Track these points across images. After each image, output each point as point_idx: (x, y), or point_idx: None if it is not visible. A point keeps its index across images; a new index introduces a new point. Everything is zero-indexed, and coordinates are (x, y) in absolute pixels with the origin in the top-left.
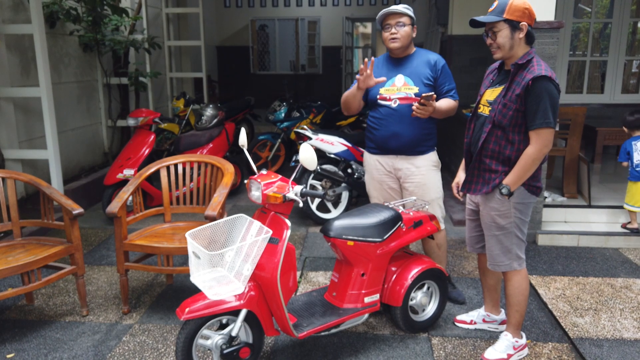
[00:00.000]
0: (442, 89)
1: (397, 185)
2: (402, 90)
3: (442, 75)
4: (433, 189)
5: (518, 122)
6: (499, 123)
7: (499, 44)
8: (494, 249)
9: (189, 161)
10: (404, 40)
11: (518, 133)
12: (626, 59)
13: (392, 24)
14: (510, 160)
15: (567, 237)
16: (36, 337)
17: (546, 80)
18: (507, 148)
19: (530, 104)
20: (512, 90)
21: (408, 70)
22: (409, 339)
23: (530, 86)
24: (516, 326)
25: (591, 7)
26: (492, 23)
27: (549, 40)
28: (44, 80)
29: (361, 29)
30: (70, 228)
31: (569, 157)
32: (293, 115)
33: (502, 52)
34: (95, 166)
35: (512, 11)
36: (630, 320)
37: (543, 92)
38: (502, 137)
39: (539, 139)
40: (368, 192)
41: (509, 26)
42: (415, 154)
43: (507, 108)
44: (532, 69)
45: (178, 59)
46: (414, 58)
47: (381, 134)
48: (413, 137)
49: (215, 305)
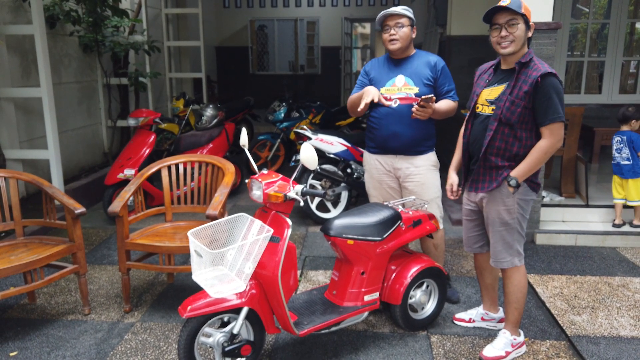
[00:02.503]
0: (442, 90)
1: (397, 184)
2: (403, 90)
3: (442, 76)
4: (432, 188)
5: (525, 119)
6: (507, 120)
7: (515, 37)
8: (497, 245)
9: (189, 161)
10: (403, 42)
11: (525, 130)
12: (624, 59)
13: (392, 25)
14: (518, 156)
15: (565, 237)
16: (38, 336)
17: (553, 76)
18: (515, 145)
19: (540, 101)
20: (519, 88)
21: (408, 71)
22: (408, 337)
23: (539, 83)
24: (514, 324)
25: (589, 8)
26: (513, 15)
27: (547, 40)
28: (44, 81)
29: (360, 29)
30: (72, 227)
31: (567, 157)
32: (292, 115)
33: (515, 46)
34: (95, 166)
35: (525, 9)
36: (627, 318)
37: (551, 89)
38: (510, 135)
39: (552, 133)
40: (367, 192)
41: (524, 22)
42: (414, 154)
43: (516, 105)
44: (537, 67)
45: (177, 59)
46: (414, 59)
47: (381, 133)
48: (413, 137)
49: (217, 303)
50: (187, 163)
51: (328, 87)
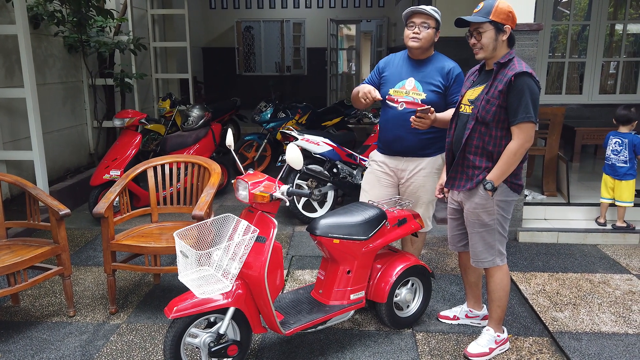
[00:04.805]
0: (453, 99)
1: (393, 188)
2: (411, 94)
3: (454, 84)
4: (430, 191)
5: (501, 118)
6: (482, 119)
7: (482, 44)
8: (477, 245)
9: (176, 161)
10: (424, 42)
11: (501, 129)
12: (604, 60)
13: (417, 23)
14: (493, 155)
15: (547, 234)
16: (22, 338)
17: (527, 76)
18: (490, 144)
19: (512, 100)
20: (495, 87)
21: (420, 75)
22: (394, 335)
23: (512, 82)
24: (498, 321)
25: (570, 10)
26: (478, 23)
27: (528, 42)
28: (28, 81)
29: (345, 30)
30: (57, 229)
31: (549, 156)
32: (279, 116)
33: (484, 52)
34: (80, 167)
35: (497, 13)
36: (608, 315)
37: (524, 88)
38: (486, 133)
39: (521, 133)
40: (362, 186)
41: (494, 28)
42: (421, 156)
43: (490, 104)
44: (513, 66)
45: (164, 60)
46: (430, 63)
47: (386, 136)
48: (416, 141)
49: (203, 303)
50: (173, 164)
51: (314, 88)
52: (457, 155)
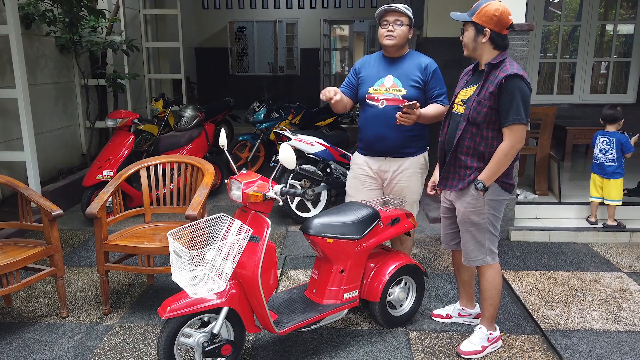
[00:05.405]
0: (432, 94)
1: (379, 190)
2: (390, 91)
3: (432, 79)
4: (414, 192)
5: (492, 120)
6: (473, 120)
7: (463, 42)
8: (468, 244)
9: (169, 162)
10: (399, 40)
11: (492, 130)
12: (594, 60)
13: (391, 22)
14: (484, 156)
15: (539, 233)
16: (15, 340)
17: (518, 78)
18: (481, 144)
19: (503, 102)
20: (486, 89)
21: (398, 72)
22: (387, 334)
23: (503, 84)
24: (490, 319)
25: (561, 10)
26: (464, 25)
27: (519, 42)
28: (20, 82)
29: (338, 31)
30: (49, 229)
31: (540, 156)
32: (272, 116)
33: (466, 50)
34: (73, 168)
35: (480, 15)
36: (599, 312)
37: (515, 90)
38: (477, 134)
39: (511, 134)
40: (346, 191)
41: (474, 29)
42: (403, 156)
43: (482, 105)
44: (505, 68)
45: (156, 60)
46: (406, 59)
47: (367, 135)
48: (399, 139)
49: (197, 303)
50: (167, 164)
51: (307, 88)
52: (449, 155)
